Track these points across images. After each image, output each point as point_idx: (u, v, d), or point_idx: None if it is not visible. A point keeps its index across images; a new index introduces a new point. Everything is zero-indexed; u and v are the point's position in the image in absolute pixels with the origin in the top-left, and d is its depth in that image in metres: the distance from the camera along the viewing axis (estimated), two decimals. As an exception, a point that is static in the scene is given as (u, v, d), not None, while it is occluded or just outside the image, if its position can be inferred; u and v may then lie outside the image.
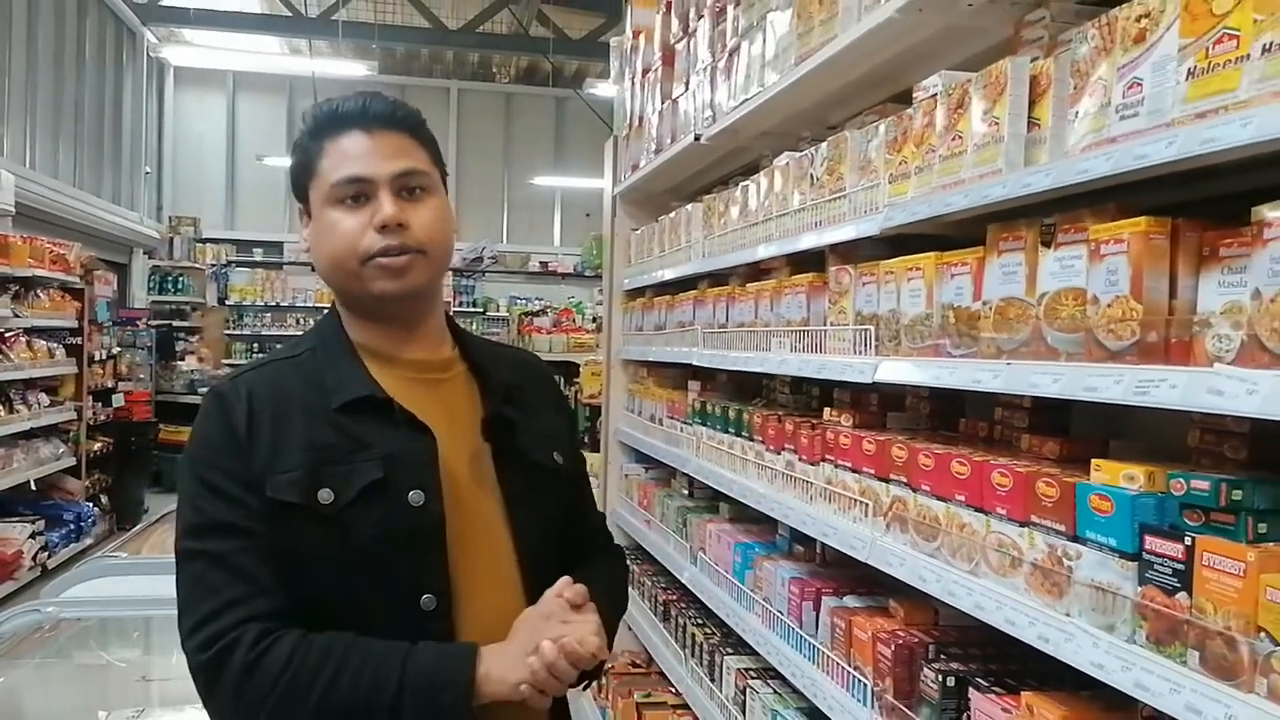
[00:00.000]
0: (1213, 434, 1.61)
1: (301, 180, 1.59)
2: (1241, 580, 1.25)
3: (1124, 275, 1.47)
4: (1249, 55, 1.28)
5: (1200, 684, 1.27)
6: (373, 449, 1.49)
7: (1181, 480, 1.42)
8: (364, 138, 1.54)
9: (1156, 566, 1.38)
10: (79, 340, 8.87)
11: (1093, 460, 1.57)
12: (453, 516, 1.52)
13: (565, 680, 1.45)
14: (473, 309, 15.46)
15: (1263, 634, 1.22)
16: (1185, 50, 1.38)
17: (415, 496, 1.49)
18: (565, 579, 1.53)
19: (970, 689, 1.85)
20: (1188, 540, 1.33)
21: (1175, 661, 1.33)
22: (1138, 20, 1.49)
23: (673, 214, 4.07)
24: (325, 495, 1.45)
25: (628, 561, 2.00)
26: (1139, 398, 1.38)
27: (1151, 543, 1.39)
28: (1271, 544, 1.31)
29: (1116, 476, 1.50)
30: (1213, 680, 1.26)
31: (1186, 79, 1.37)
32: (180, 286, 13.93)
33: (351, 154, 1.53)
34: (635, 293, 4.77)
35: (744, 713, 2.93)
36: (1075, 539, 1.54)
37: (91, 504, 8.91)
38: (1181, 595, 1.34)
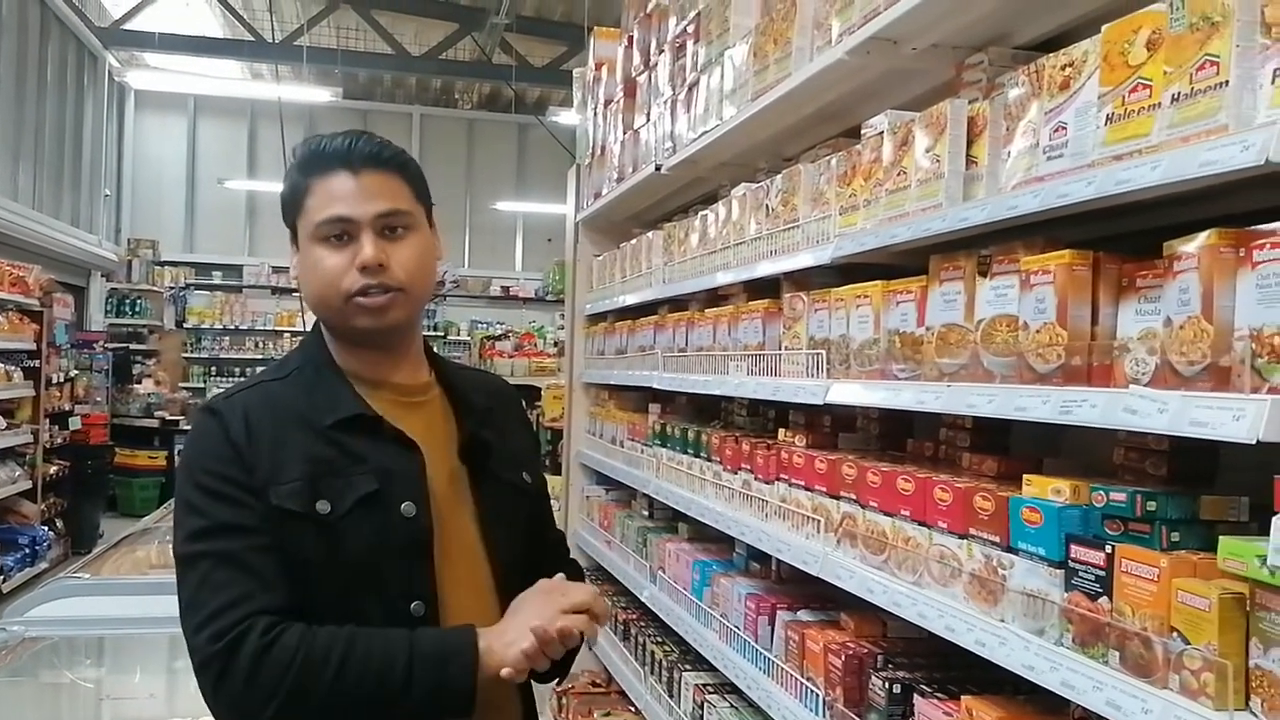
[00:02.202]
0: (1136, 451, 1.72)
1: (290, 213, 1.66)
2: (1156, 585, 1.36)
3: (1051, 303, 1.59)
4: (1160, 104, 1.40)
5: (1120, 681, 1.37)
6: (367, 463, 1.56)
7: (1102, 493, 1.53)
8: (349, 178, 1.59)
9: (1081, 573, 1.49)
10: (37, 363, 8.81)
11: (1025, 476, 1.68)
12: (436, 531, 1.59)
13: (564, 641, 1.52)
14: (434, 333, 15.41)
15: (1175, 634, 1.32)
16: (1104, 97, 1.51)
17: (407, 508, 1.56)
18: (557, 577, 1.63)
19: (915, 695, 1.95)
20: (1108, 549, 1.44)
21: (1098, 661, 1.43)
22: (1063, 69, 1.62)
23: (634, 241, 4.17)
24: (323, 506, 1.52)
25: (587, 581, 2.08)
26: (1064, 416, 1.49)
27: (1076, 551, 1.50)
28: (1183, 551, 1.42)
29: (1045, 490, 1.61)
30: (1131, 678, 1.37)
31: (1105, 124, 1.50)
32: (138, 309, 13.82)
33: (336, 194, 1.59)
34: (597, 317, 4.85)
35: (702, 727, 3.01)
36: (1009, 549, 1.65)
37: (47, 528, 8.81)
38: (1103, 600, 1.45)
